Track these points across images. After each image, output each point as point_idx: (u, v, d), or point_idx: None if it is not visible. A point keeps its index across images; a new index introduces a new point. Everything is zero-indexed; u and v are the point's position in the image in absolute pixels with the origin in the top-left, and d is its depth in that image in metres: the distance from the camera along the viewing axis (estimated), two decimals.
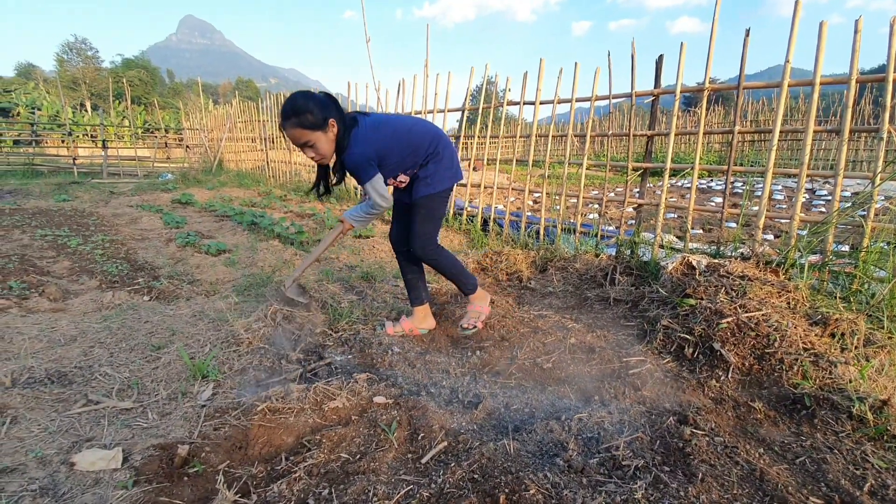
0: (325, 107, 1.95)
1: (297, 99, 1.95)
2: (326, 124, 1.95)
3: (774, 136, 2.91)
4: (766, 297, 2.10)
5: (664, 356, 2.01)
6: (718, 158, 13.27)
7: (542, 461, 1.32)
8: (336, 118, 1.97)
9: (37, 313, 2.51)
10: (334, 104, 2.00)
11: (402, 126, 2.15)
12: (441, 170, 2.18)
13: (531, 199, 7.62)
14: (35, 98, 19.76)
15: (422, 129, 2.18)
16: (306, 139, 1.95)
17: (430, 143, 2.16)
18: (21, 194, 7.21)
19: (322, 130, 1.95)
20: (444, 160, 2.19)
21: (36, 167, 10.58)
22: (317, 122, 1.93)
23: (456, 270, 2.33)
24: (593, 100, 3.90)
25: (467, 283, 2.37)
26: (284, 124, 1.95)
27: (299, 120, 1.92)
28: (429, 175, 2.17)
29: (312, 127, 1.93)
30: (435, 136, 2.19)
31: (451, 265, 2.31)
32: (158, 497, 1.26)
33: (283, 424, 1.56)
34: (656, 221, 3.42)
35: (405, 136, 2.12)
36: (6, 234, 4.27)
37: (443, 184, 2.19)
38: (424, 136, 2.16)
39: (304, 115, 1.91)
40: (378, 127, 2.08)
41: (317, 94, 2.00)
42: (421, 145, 2.15)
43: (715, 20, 3.12)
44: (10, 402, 1.64)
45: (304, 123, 1.92)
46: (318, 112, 1.92)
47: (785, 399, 1.63)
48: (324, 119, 1.94)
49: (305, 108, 1.91)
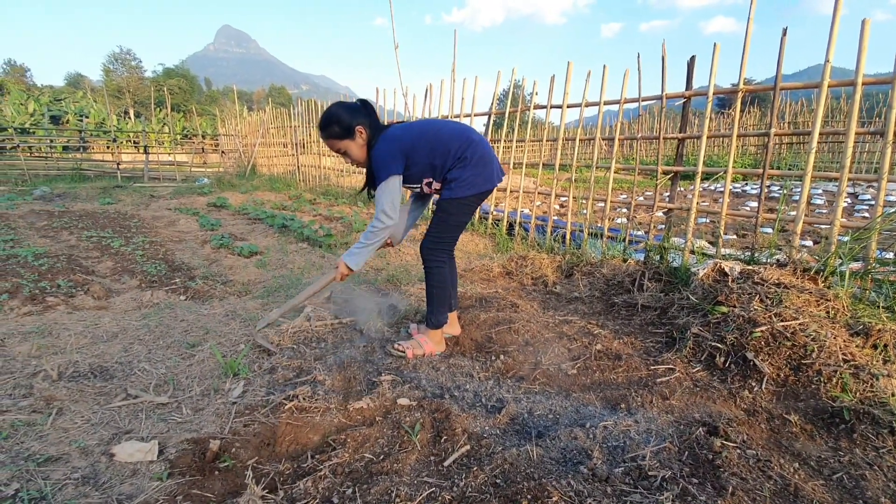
0: (353, 114, 2.02)
1: (327, 111, 2.04)
2: (353, 132, 2.02)
3: (814, 138, 2.80)
4: (804, 305, 2.02)
5: (694, 365, 1.96)
6: (754, 161, 12.82)
7: (565, 468, 1.31)
8: (364, 124, 2.02)
9: (82, 311, 2.64)
10: (364, 110, 2.05)
11: (432, 126, 2.14)
12: (467, 175, 2.07)
13: (557, 203, 7.55)
14: (83, 106, 20.86)
15: (451, 130, 2.12)
16: (338, 147, 2.05)
17: (458, 146, 2.07)
18: (69, 197, 7.61)
19: (350, 138, 2.02)
20: (471, 165, 2.08)
21: (83, 172, 11.15)
22: (343, 131, 2.01)
23: (440, 294, 2.19)
24: (622, 102, 3.84)
25: (439, 315, 2.21)
26: (321, 135, 2.07)
27: (328, 132, 2.02)
28: (454, 179, 2.08)
29: (340, 136, 2.02)
30: (465, 139, 2.09)
31: (441, 285, 2.18)
32: (191, 489, 1.31)
33: (310, 423, 1.60)
34: (687, 226, 3.33)
35: (434, 134, 2.08)
36: (56, 236, 4.52)
37: (468, 189, 2.08)
38: (453, 138, 2.08)
39: (331, 127, 2.01)
40: (407, 127, 2.11)
41: (348, 103, 2.07)
42: (450, 147, 2.07)
43: (750, 19, 3.03)
44: (57, 395, 1.74)
45: (333, 134, 2.02)
46: (345, 120, 2.00)
47: (822, 412, 1.56)
48: (349, 127, 2.01)
49: (332, 120, 2.00)
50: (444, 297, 2.21)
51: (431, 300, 2.20)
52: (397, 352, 2.16)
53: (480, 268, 3.52)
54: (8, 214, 5.55)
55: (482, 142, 2.14)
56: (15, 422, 1.55)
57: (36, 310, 2.59)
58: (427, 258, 2.17)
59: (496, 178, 2.18)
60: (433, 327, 2.22)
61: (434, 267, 2.17)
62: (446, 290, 2.21)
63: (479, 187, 2.11)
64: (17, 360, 1.99)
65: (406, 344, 2.18)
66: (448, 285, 2.22)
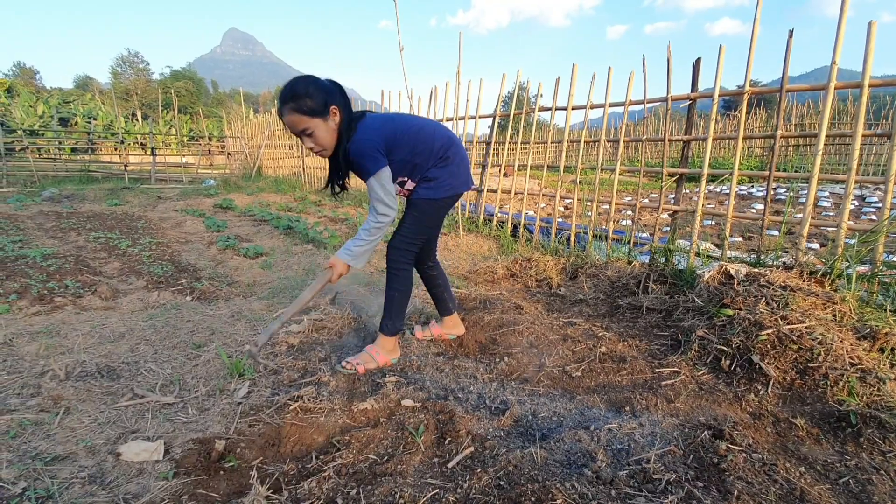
0: (329, 92, 1.78)
1: (297, 82, 1.76)
2: (328, 111, 1.77)
3: (820, 140, 2.79)
4: (810, 308, 2.01)
5: (699, 368, 1.95)
6: (760, 164, 12.75)
7: (569, 471, 1.31)
8: (340, 105, 1.80)
9: (89, 311, 2.67)
10: (339, 91, 1.82)
11: (413, 124, 1.98)
12: (446, 176, 1.99)
13: (562, 205, 7.54)
14: (91, 108, 21.06)
15: (432, 130, 2.00)
16: (304, 126, 1.77)
17: (440, 146, 1.98)
18: (77, 199, 7.68)
19: (322, 117, 1.77)
20: (452, 165, 2.00)
21: (91, 173, 11.25)
22: (317, 107, 1.75)
23: (399, 300, 2.08)
24: (627, 104, 3.84)
25: (395, 320, 2.08)
26: (282, 109, 1.76)
27: (297, 104, 1.74)
28: (434, 178, 1.98)
29: (312, 113, 1.75)
30: (448, 139, 2.01)
31: (402, 290, 2.07)
32: (196, 489, 1.32)
33: (314, 424, 1.60)
34: (692, 228, 3.32)
35: (415, 133, 1.94)
36: (64, 236, 4.56)
37: (447, 190, 2.00)
38: (435, 138, 1.98)
39: (302, 100, 1.73)
40: (387, 119, 1.93)
41: (320, 79, 1.80)
42: (431, 146, 1.96)
43: (756, 21, 3.02)
44: (64, 394, 1.75)
45: (303, 108, 1.74)
46: (319, 96, 1.75)
47: (829, 416, 1.55)
48: (325, 104, 1.76)
49: (305, 92, 1.73)
50: (405, 303, 2.10)
51: (391, 305, 2.07)
52: (346, 370, 1.99)
53: (485, 269, 3.52)
54: (17, 215, 5.61)
55: (460, 143, 2.08)
56: (23, 421, 1.57)
57: (44, 310, 2.61)
58: (394, 259, 2.04)
59: (470, 181, 2.12)
60: (389, 333, 2.08)
61: (400, 269, 2.05)
62: (407, 297, 2.10)
63: (455, 189, 2.04)
64: (25, 359, 2.01)
65: (356, 360, 2.03)
66: (409, 291, 2.11)
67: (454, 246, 4.51)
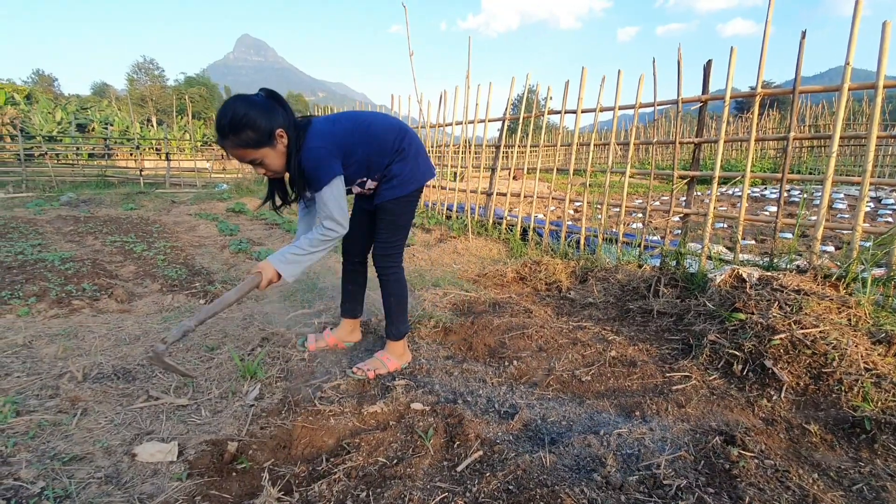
0: (270, 115, 1.63)
1: (234, 111, 1.59)
2: (273, 138, 1.65)
3: (834, 141, 2.75)
4: (825, 312, 1.98)
5: (710, 372, 1.93)
6: (773, 165, 12.58)
7: (578, 476, 1.30)
8: (284, 125, 1.67)
9: (106, 313, 2.72)
10: (280, 106, 1.69)
11: (363, 120, 1.88)
12: (407, 170, 1.91)
13: (572, 208, 7.51)
14: (108, 115, 21.48)
15: (384, 122, 1.92)
16: (251, 157, 1.66)
17: (394, 138, 1.89)
18: (94, 203, 7.83)
19: (269, 146, 1.66)
20: (409, 158, 1.92)
21: (107, 178, 11.46)
22: (261, 137, 1.62)
23: (400, 301, 2.05)
24: (637, 107, 3.82)
25: (400, 324, 2.06)
26: (221, 142, 1.62)
27: (239, 139, 1.60)
28: (394, 176, 1.90)
29: (256, 145, 1.63)
30: (400, 130, 1.92)
31: (399, 292, 2.05)
32: (209, 490, 1.34)
33: (325, 426, 1.62)
34: (704, 231, 3.29)
35: (367, 129, 1.85)
36: (81, 240, 4.66)
37: (410, 185, 1.93)
38: (388, 131, 1.89)
39: (244, 132, 1.60)
40: (335, 121, 1.82)
41: (258, 101, 1.66)
42: (385, 141, 1.88)
43: (768, 21, 2.99)
44: (82, 395, 1.79)
45: (247, 142, 1.61)
46: (263, 125, 1.61)
47: (843, 422, 1.53)
48: (269, 133, 1.63)
49: (244, 123, 1.58)
50: (405, 305, 2.08)
51: (391, 310, 2.05)
52: (356, 375, 1.98)
53: (494, 273, 3.52)
54: (36, 220, 5.74)
55: (413, 132, 1.99)
56: (42, 421, 1.61)
57: (62, 312, 2.67)
58: (383, 266, 2.01)
59: (431, 169, 2.04)
60: (396, 338, 2.07)
61: (392, 274, 2.02)
62: (406, 297, 2.09)
63: (419, 181, 1.97)
64: (44, 361, 2.06)
65: (367, 365, 2.02)
66: (406, 293, 2.08)
67: (463, 249, 4.52)
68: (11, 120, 17.04)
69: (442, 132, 6.58)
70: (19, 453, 1.44)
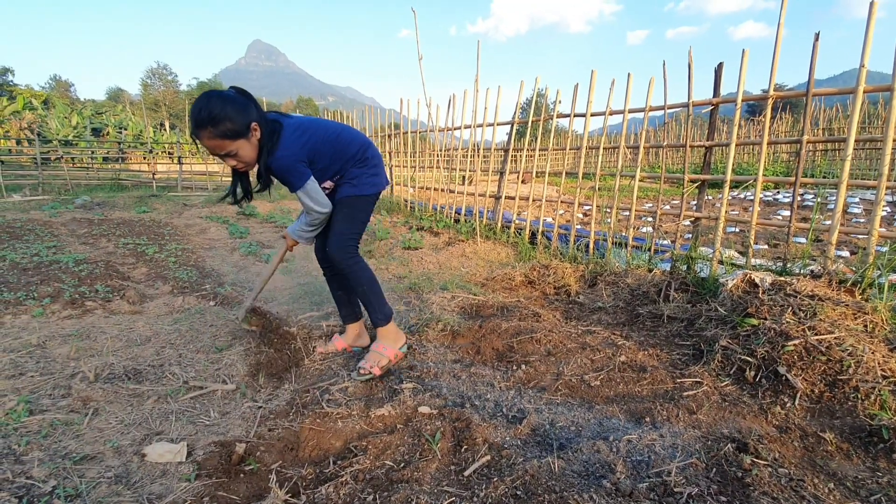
0: (245, 110, 1.74)
1: (212, 104, 1.68)
2: (249, 130, 1.76)
3: (849, 145, 2.71)
4: (840, 318, 1.94)
5: (722, 378, 1.90)
6: (786, 169, 12.42)
7: (587, 482, 1.29)
8: (258, 120, 1.78)
9: (118, 315, 2.75)
10: (253, 103, 1.80)
11: (331, 130, 2.01)
12: (367, 174, 2.07)
13: (581, 211, 7.47)
14: (122, 119, 21.82)
15: (349, 135, 2.06)
16: (228, 149, 1.75)
17: (358, 149, 2.05)
18: (108, 206, 7.94)
19: (245, 138, 1.76)
20: (370, 167, 2.08)
21: (121, 181, 11.63)
22: (239, 129, 1.72)
23: (370, 289, 2.09)
24: (647, 111, 3.80)
25: (380, 309, 2.10)
26: (198, 133, 1.70)
27: (218, 129, 1.69)
28: (355, 177, 2.05)
29: (235, 135, 1.72)
30: (363, 143, 2.09)
31: (367, 280, 2.08)
32: (217, 491, 1.34)
33: (332, 429, 1.62)
34: (715, 235, 3.25)
35: (334, 139, 1.99)
36: (94, 243, 4.73)
37: (368, 188, 2.08)
38: (353, 143, 2.05)
39: (223, 123, 1.69)
40: (304, 129, 1.92)
41: (233, 96, 1.76)
42: (348, 150, 2.03)
43: (780, 24, 2.96)
44: (93, 396, 1.81)
45: (225, 133, 1.70)
46: (240, 118, 1.71)
47: (860, 430, 1.50)
48: (246, 125, 1.74)
49: (224, 116, 1.68)
50: (377, 291, 2.11)
51: (367, 298, 2.09)
52: (363, 376, 2.00)
53: (502, 276, 3.51)
54: (52, 222, 5.83)
55: (375, 146, 2.17)
56: (54, 421, 1.63)
57: (75, 313, 2.71)
58: (343, 258, 2.04)
59: (386, 180, 2.19)
60: (385, 322, 2.11)
61: (353, 264, 2.05)
62: (376, 282, 2.12)
63: (377, 187, 2.12)
64: (57, 361, 2.09)
65: (367, 363, 2.04)
66: (374, 278, 2.12)
67: (472, 253, 4.51)
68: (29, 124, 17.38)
69: (451, 136, 6.59)
70: (32, 452, 1.46)
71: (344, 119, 9.35)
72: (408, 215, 6.69)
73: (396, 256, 4.35)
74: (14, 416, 1.62)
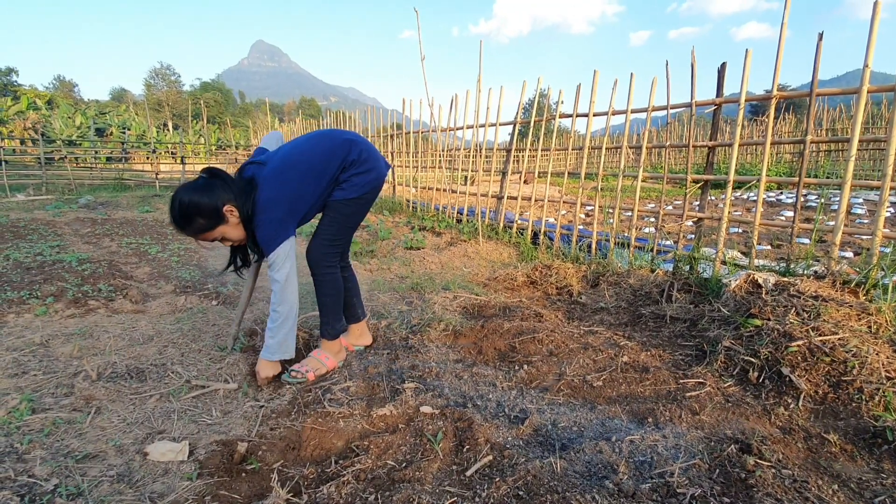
0: (212, 196, 1.74)
1: (181, 202, 1.72)
2: (222, 215, 1.77)
3: (853, 145, 2.70)
4: (844, 319, 1.93)
5: (725, 379, 1.89)
6: (790, 169, 12.38)
7: (590, 482, 1.28)
8: (230, 199, 1.76)
9: (120, 314, 2.76)
10: (221, 182, 1.78)
11: (310, 161, 1.89)
12: (357, 174, 1.96)
13: (583, 212, 7.46)
14: (126, 119, 21.90)
15: (325, 149, 1.93)
16: (212, 237, 1.81)
17: (342, 159, 1.93)
18: (111, 206, 7.97)
19: (223, 223, 1.78)
20: (358, 166, 1.96)
21: (124, 181, 11.67)
22: (212, 220, 1.75)
23: (336, 301, 2.07)
24: (650, 111, 3.79)
25: (334, 323, 2.08)
26: (183, 234, 1.78)
27: (194, 228, 1.75)
28: (344, 181, 1.96)
29: (210, 227, 1.77)
30: (344, 148, 1.94)
31: (333, 292, 2.05)
32: (219, 490, 1.34)
33: (334, 429, 1.62)
34: (718, 236, 3.25)
35: (318, 168, 1.90)
36: (98, 242, 4.74)
37: (358, 189, 1.97)
38: (333, 156, 1.92)
39: (196, 222, 1.74)
40: (281, 172, 1.84)
41: (201, 185, 1.77)
42: (331, 166, 1.91)
43: (784, 24, 2.95)
44: (96, 394, 1.81)
45: (202, 228, 1.76)
46: (209, 210, 1.73)
47: (864, 432, 1.49)
48: (216, 213, 1.75)
49: (193, 213, 1.72)
50: (339, 306, 2.10)
51: (326, 310, 2.06)
52: (295, 379, 1.97)
53: (504, 277, 3.50)
54: (55, 222, 5.85)
55: (357, 138, 2.01)
56: (56, 419, 1.63)
57: (78, 312, 2.72)
58: (318, 264, 2.00)
59: (385, 166, 2.07)
60: (332, 338, 2.09)
61: (326, 273, 2.03)
62: (340, 298, 2.10)
63: (370, 185, 2.00)
64: (59, 360, 2.09)
65: (304, 367, 2.01)
66: (341, 292, 2.10)
67: (474, 253, 4.51)
68: (33, 124, 17.45)
69: (453, 136, 6.59)
70: (34, 450, 1.46)
71: (346, 120, 9.36)
72: (410, 215, 6.69)
73: (399, 256, 4.35)
74: (17, 415, 1.63)
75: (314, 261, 2.01)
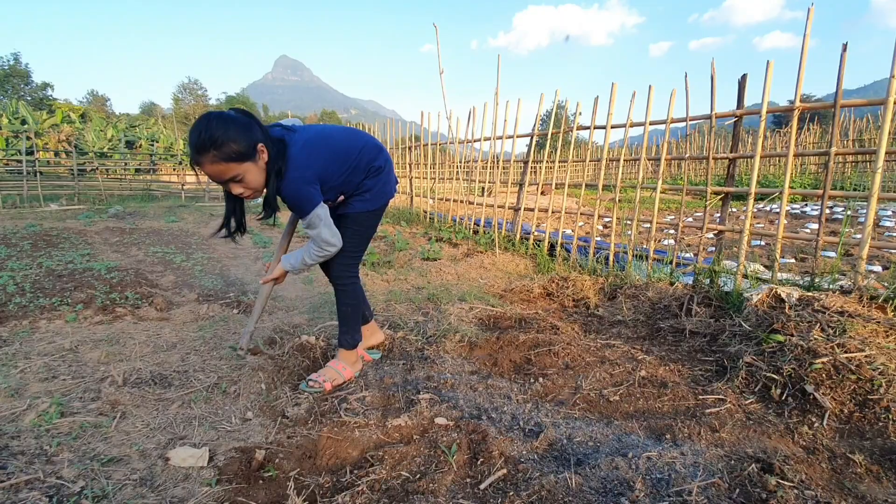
0: (250, 130, 1.60)
1: (213, 126, 1.53)
2: (256, 151, 1.61)
3: (880, 157, 2.63)
4: (871, 336, 1.88)
5: (746, 396, 1.85)
6: (814, 181, 12.07)
7: (605, 499, 1.27)
8: (264, 141, 1.64)
9: (146, 321, 2.84)
10: (257, 123, 1.65)
11: (341, 144, 1.87)
12: (380, 185, 1.98)
13: (601, 223, 7.40)
14: (154, 132, 22.68)
15: (360, 146, 1.92)
16: (233, 174, 1.59)
17: (370, 158, 1.93)
18: (139, 216, 8.23)
19: (252, 160, 1.61)
20: (384, 173, 1.98)
21: (152, 192, 12.05)
22: (245, 150, 1.57)
23: (354, 312, 2.08)
24: (668, 122, 3.76)
25: (353, 334, 2.09)
26: (200, 159, 1.54)
27: (222, 152, 1.53)
28: (369, 189, 1.95)
29: (241, 157, 1.57)
30: (375, 150, 1.96)
31: (355, 302, 2.07)
32: (237, 497, 1.37)
33: (349, 438, 1.63)
34: (739, 249, 3.19)
35: (344, 153, 1.86)
36: (125, 251, 4.90)
37: (380, 199, 2.00)
38: (366, 150, 1.92)
39: (227, 146, 1.53)
40: (313, 146, 1.78)
41: (235, 116, 1.60)
42: (360, 164, 1.91)
43: (807, 34, 2.91)
44: (121, 399, 1.87)
45: (230, 156, 1.55)
46: (245, 138, 1.57)
47: (891, 452, 1.44)
48: (252, 146, 1.59)
49: (227, 137, 1.53)
50: (358, 315, 2.11)
51: (346, 320, 2.07)
52: (312, 388, 1.98)
53: (521, 288, 3.50)
54: (86, 231, 6.07)
55: (385, 149, 2.05)
56: (84, 423, 1.69)
57: (106, 319, 2.81)
58: (339, 275, 2.01)
59: (395, 186, 2.10)
60: (350, 347, 2.10)
61: (349, 284, 2.05)
62: (360, 308, 2.12)
63: (387, 196, 2.04)
64: (87, 365, 2.17)
65: (321, 377, 2.01)
66: (361, 303, 2.12)
67: (490, 264, 4.51)
68: (67, 137, 18.19)
69: (470, 148, 6.64)
70: (62, 453, 1.51)
71: (366, 131, 9.51)
72: (427, 226, 6.73)
73: (415, 267, 4.38)
74: (46, 418, 1.69)
75: (337, 274, 2.03)
